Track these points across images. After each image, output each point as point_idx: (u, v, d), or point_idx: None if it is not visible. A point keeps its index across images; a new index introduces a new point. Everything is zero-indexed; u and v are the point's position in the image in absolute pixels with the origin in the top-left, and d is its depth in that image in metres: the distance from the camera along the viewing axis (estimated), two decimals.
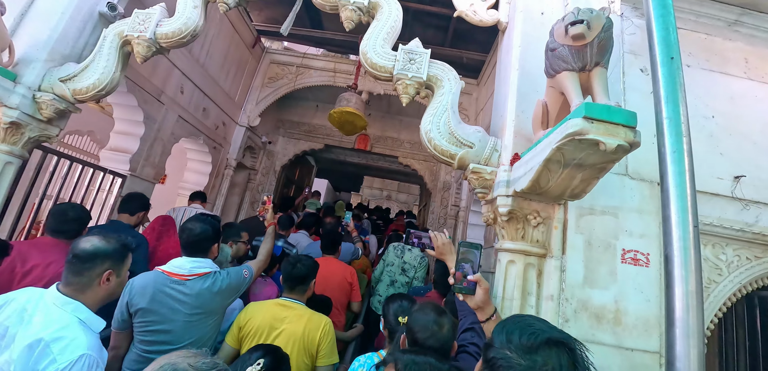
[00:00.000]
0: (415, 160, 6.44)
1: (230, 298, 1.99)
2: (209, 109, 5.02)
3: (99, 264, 1.41)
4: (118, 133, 4.07)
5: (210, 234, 1.96)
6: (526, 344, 0.78)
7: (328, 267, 3.03)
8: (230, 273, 1.98)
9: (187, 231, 1.93)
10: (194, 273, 1.86)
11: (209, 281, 1.88)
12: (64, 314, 1.31)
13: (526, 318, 0.87)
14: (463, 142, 2.02)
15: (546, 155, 1.51)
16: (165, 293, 1.79)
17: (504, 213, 1.92)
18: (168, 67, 4.19)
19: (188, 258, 1.91)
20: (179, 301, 1.80)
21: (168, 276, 1.84)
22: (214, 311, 1.91)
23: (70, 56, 2.66)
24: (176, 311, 1.79)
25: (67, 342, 1.24)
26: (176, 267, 1.87)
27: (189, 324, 1.81)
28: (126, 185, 3.93)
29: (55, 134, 2.69)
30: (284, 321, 1.97)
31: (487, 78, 5.10)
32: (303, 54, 5.88)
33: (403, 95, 2.17)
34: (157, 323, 1.77)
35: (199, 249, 1.93)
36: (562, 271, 1.92)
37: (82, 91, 2.50)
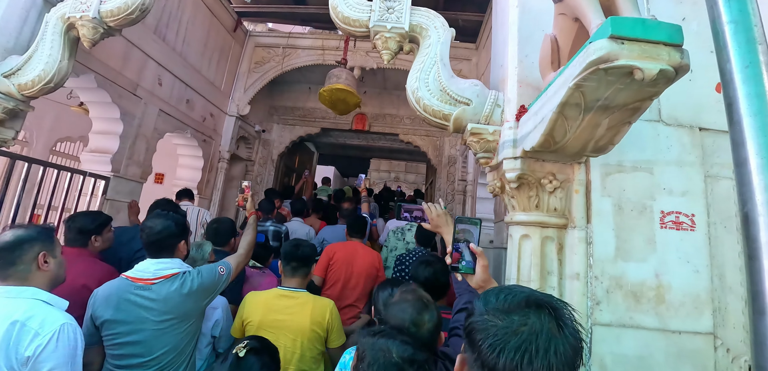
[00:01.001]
0: (417, 135, 6.08)
1: (205, 299, 1.81)
2: (193, 100, 4.73)
3: (28, 249, 1.38)
4: (96, 133, 3.82)
5: (173, 230, 1.77)
6: (504, 306, 0.71)
7: (356, 252, 2.94)
8: (202, 272, 1.80)
9: (147, 230, 1.74)
10: (159, 275, 1.69)
11: (177, 282, 1.70)
12: (24, 300, 1.31)
13: (509, 285, 0.80)
14: (457, 99, 1.67)
15: (561, 98, 1.16)
16: (130, 301, 1.63)
17: (512, 179, 1.59)
18: (141, 58, 3.90)
19: (153, 260, 1.73)
20: (146, 308, 1.64)
21: (132, 281, 1.67)
22: (188, 315, 1.74)
23: (15, 49, 2.38)
24: (144, 319, 1.64)
25: (43, 317, 1.28)
26: (140, 271, 1.70)
27: (160, 331, 1.65)
28: (110, 187, 3.69)
29: (12, 137, 2.43)
30: (288, 312, 1.90)
31: (486, 40, 4.67)
32: (288, 34, 5.52)
33: (383, 51, 1.83)
34: (125, 334, 1.62)
35: (163, 249, 1.75)
36: (589, 244, 1.58)
37: (28, 86, 2.22)
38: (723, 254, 1.59)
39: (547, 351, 0.64)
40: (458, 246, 1.22)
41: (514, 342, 0.65)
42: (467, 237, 1.21)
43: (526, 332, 0.66)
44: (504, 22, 1.84)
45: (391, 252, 3.84)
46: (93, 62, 3.35)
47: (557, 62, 1.41)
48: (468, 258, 1.22)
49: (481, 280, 1.22)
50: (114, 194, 3.67)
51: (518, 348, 0.64)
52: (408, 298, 1.35)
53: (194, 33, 4.60)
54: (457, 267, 1.22)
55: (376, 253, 3.20)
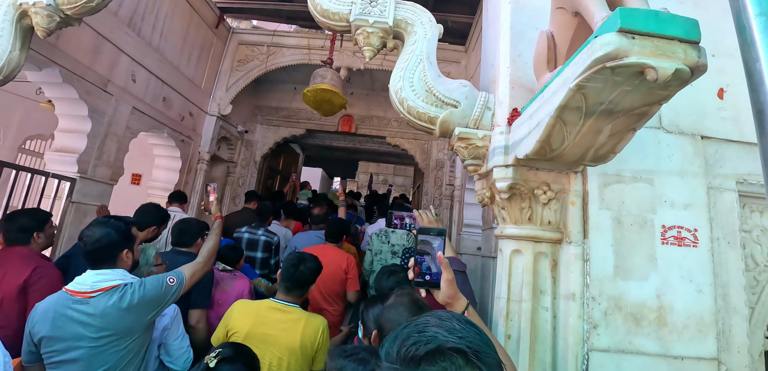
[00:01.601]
0: (404, 138, 5.94)
1: (150, 313, 1.65)
2: (171, 98, 4.50)
3: None
4: (62, 132, 3.56)
5: (114, 238, 1.63)
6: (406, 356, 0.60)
7: (324, 256, 2.76)
8: (145, 284, 1.64)
9: (85, 238, 1.60)
10: (98, 288, 1.55)
11: (116, 296, 1.56)
12: None
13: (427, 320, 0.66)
14: (444, 101, 1.53)
15: (560, 100, 1.02)
16: (66, 316, 1.51)
17: (503, 189, 1.45)
18: (113, 52, 3.66)
19: (92, 271, 1.59)
20: (83, 324, 1.51)
21: (70, 295, 1.54)
22: (129, 331, 1.59)
23: None
24: (80, 336, 1.50)
25: None
26: (79, 284, 1.56)
27: (97, 349, 1.52)
28: (76, 188, 3.45)
29: None
30: (279, 327, 1.80)
31: (475, 42, 4.57)
32: (273, 32, 5.33)
33: (365, 48, 1.68)
34: (61, 352, 1.50)
35: (103, 259, 1.61)
36: (586, 261, 1.45)
37: None
38: (727, 272, 1.48)
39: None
40: (421, 260, 1.11)
41: None
42: (428, 249, 1.11)
43: None
44: (495, 18, 1.70)
45: (376, 255, 3.68)
46: (58, 55, 3.11)
47: (554, 61, 1.28)
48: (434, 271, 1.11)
49: (448, 296, 1.11)
50: (80, 196, 3.43)
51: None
52: (403, 301, 1.29)
53: (173, 28, 4.38)
54: (420, 283, 1.11)
55: (346, 255, 3.09)
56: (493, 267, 3.46)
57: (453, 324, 0.65)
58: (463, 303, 1.12)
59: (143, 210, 2.73)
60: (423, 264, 1.11)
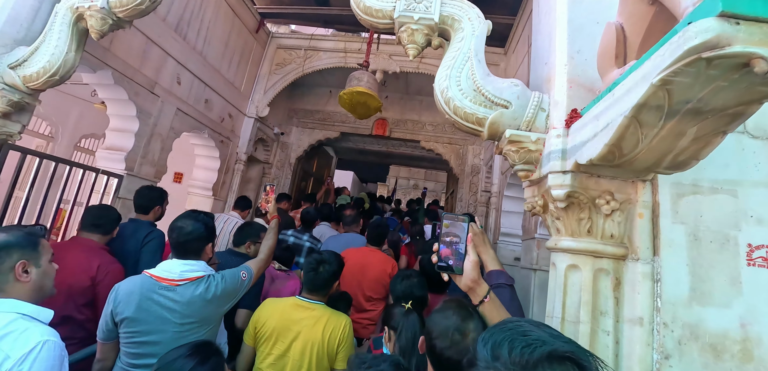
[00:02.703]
0: (439, 142, 5.80)
1: (226, 305, 1.78)
2: (212, 100, 4.64)
3: (6, 258, 1.25)
4: (112, 131, 3.76)
5: (202, 233, 1.74)
6: (519, 360, 0.57)
7: (369, 259, 2.97)
8: (225, 277, 1.76)
9: (176, 230, 1.71)
10: (185, 277, 1.65)
11: (202, 286, 1.66)
12: (2, 314, 1.18)
13: (521, 324, 0.65)
14: (494, 101, 1.42)
15: (638, 98, 0.89)
16: (153, 300, 1.59)
17: (560, 198, 1.31)
18: (160, 55, 3.82)
19: (179, 261, 1.69)
20: (169, 309, 1.60)
21: (156, 281, 1.62)
22: (208, 320, 1.70)
23: (25, 40, 2.29)
24: (166, 321, 1.59)
25: (17, 336, 1.15)
26: (166, 270, 1.65)
27: (180, 335, 1.60)
28: (123, 185, 3.61)
29: (17, 131, 2.34)
30: (301, 324, 1.84)
31: (516, 45, 4.38)
32: (310, 36, 5.39)
33: (409, 46, 1.60)
34: (144, 333, 1.58)
35: (191, 251, 1.71)
36: (656, 281, 1.29)
37: (33, 77, 2.12)
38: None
39: None
40: (453, 246, 1.13)
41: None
42: (456, 231, 1.13)
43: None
44: (549, 11, 1.57)
45: None
46: (111, 58, 3.28)
47: (623, 57, 1.14)
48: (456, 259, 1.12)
49: (470, 280, 1.10)
50: (127, 193, 3.58)
51: None
52: (451, 306, 1.25)
53: (215, 32, 4.52)
54: (442, 267, 1.13)
55: (390, 259, 3.12)
56: (535, 279, 3.26)
57: (551, 330, 0.64)
58: (485, 288, 1.12)
59: (141, 194, 2.72)
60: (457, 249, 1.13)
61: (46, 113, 5.84)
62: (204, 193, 4.97)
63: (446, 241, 1.15)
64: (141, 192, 2.70)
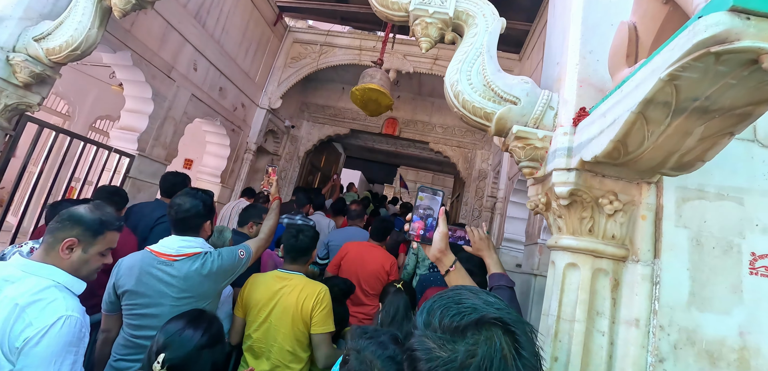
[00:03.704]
0: (448, 146, 5.82)
1: (224, 281, 1.82)
2: (226, 88, 4.72)
3: (67, 228, 1.28)
4: (127, 111, 3.85)
5: (201, 210, 1.78)
6: (449, 325, 0.60)
7: (369, 253, 3.07)
8: (223, 254, 1.80)
9: (175, 207, 1.76)
10: (182, 253, 1.70)
11: (198, 262, 1.71)
12: (39, 279, 1.22)
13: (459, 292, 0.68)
14: (503, 97, 1.43)
15: (645, 93, 0.91)
16: (151, 274, 1.65)
17: (563, 195, 1.32)
18: (179, 41, 3.91)
19: (177, 237, 1.75)
20: (166, 284, 1.66)
21: (155, 256, 1.69)
22: (205, 295, 1.74)
23: (49, 15, 2.36)
24: (163, 294, 1.65)
25: (43, 306, 1.18)
26: (164, 246, 1.72)
27: (177, 308, 1.63)
28: (134, 165, 3.69)
29: (36, 102, 2.42)
30: (280, 293, 1.93)
31: (531, 51, 4.38)
32: (327, 32, 5.45)
33: (422, 39, 1.62)
34: (144, 306, 1.65)
35: (189, 227, 1.76)
36: (655, 284, 1.29)
37: (55, 51, 2.19)
38: None
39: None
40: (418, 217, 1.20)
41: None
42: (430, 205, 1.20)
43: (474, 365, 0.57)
44: (564, 11, 1.58)
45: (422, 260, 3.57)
46: (131, 40, 3.37)
47: (634, 56, 1.15)
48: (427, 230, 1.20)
49: (437, 250, 1.18)
50: (137, 173, 3.66)
51: None
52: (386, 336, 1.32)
53: (234, 22, 4.60)
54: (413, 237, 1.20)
55: (390, 256, 3.19)
56: (535, 285, 3.25)
57: (487, 297, 0.66)
58: (451, 258, 1.22)
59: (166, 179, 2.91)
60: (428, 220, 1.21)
61: (65, 92, 5.99)
62: (212, 180, 5.05)
63: (420, 213, 1.21)
64: (166, 178, 2.91)
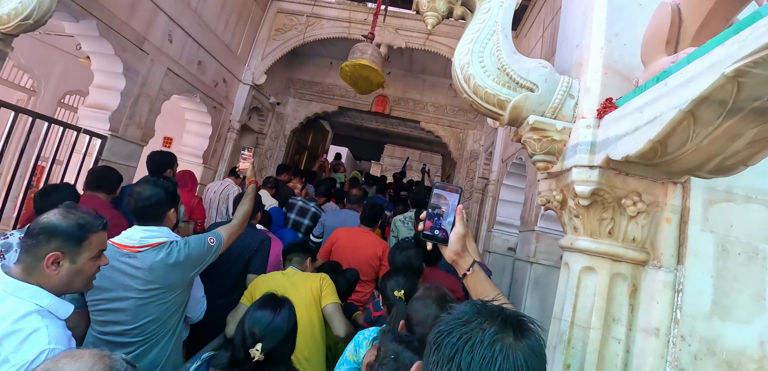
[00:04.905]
0: (440, 125, 5.67)
1: (193, 270, 1.76)
2: (206, 62, 4.41)
3: (43, 243, 1.13)
4: (96, 88, 3.55)
5: (162, 197, 1.70)
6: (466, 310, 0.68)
7: (361, 239, 3.04)
8: (190, 242, 1.73)
9: (135, 195, 1.68)
10: (145, 243, 1.63)
11: (163, 252, 1.64)
12: (19, 302, 1.08)
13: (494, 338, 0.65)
14: (519, 82, 1.28)
15: (701, 90, 0.77)
16: (114, 268, 1.56)
17: (584, 194, 1.21)
18: (151, 9, 3.57)
19: (139, 227, 1.68)
20: (130, 276, 1.59)
21: (118, 248, 1.60)
22: (173, 286, 1.69)
23: None
24: (128, 287, 1.59)
25: (23, 337, 1.04)
26: (126, 238, 1.65)
27: (143, 301, 1.61)
28: (107, 147, 3.42)
29: None
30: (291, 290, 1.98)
31: (529, 28, 4.21)
32: (314, 2, 5.13)
33: (428, 13, 1.44)
34: (108, 301, 1.58)
35: (151, 216, 1.69)
36: (677, 292, 1.20)
37: (4, 20, 1.92)
38: None
39: (493, 345, 0.61)
40: (432, 214, 1.13)
41: (459, 331, 0.64)
42: (445, 203, 1.13)
43: (475, 324, 0.64)
44: None
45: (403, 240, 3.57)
46: (96, 7, 3.04)
47: (675, 43, 1.01)
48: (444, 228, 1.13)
49: (454, 252, 1.12)
50: (110, 155, 3.40)
51: (461, 335, 0.64)
52: (431, 295, 1.37)
53: None
54: (428, 236, 1.13)
55: (382, 242, 3.14)
56: (530, 273, 3.21)
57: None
58: (469, 261, 1.15)
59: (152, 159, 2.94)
60: (437, 220, 1.14)
61: (28, 64, 5.52)
62: (194, 161, 4.79)
63: (436, 212, 1.14)
64: (152, 157, 2.93)
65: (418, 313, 1.32)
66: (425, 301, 1.35)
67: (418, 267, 2.15)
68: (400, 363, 1.05)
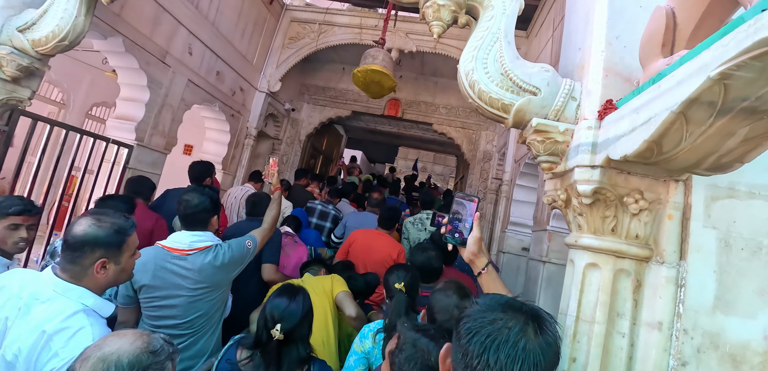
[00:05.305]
0: (452, 127, 5.70)
1: (234, 271, 1.94)
2: (224, 72, 4.58)
3: (89, 253, 1.24)
4: (123, 100, 3.74)
5: (208, 205, 1.88)
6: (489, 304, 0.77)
7: (377, 241, 3.11)
8: (232, 246, 1.91)
9: (183, 203, 1.84)
10: (194, 247, 1.79)
11: (210, 255, 1.81)
12: (68, 302, 1.19)
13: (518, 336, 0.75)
14: (522, 87, 1.34)
15: (690, 92, 0.82)
16: (166, 269, 1.75)
17: (586, 193, 1.25)
18: (172, 24, 3.75)
19: (187, 232, 1.83)
20: (182, 276, 1.75)
21: (168, 251, 1.77)
22: (218, 285, 1.87)
23: (33, 3, 2.23)
24: (180, 287, 1.75)
25: (70, 334, 1.14)
26: (176, 242, 1.80)
27: (194, 299, 1.77)
28: (133, 155, 3.61)
29: (27, 96, 2.32)
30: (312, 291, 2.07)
31: (539, 28, 4.21)
32: (325, 10, 5.25)
33: (434, 23, 1.51)
34: (162, 299, 1.75)
35: (197, 222, 1.85)
36: (680, 286, 1.23)
37: (42, 42, 2.07)
38: None
39: (516, 344, 0.69)
40: (453, 219, 1.28)
41: (487, 329, 0.72)
42: (465, 209, 1.27)
43: (501, 324, 0.72)
44: None
45: (414, 244, 3.64)
46: (121, 25, 3.22)
47: (671, 45, 1.05)
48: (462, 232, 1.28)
49: (471, 253, 1.27)
50: (136, 163, 3.58)
51: (489, 334, 0.71)
52: (452, 287, 1.47)
53: (229, 1, 4.42)
54: (450, 239, 1.29)
55: (398, 245, 3.17)
56: (543, 271, 3.22)
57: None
58: (484, 261, 1.28)
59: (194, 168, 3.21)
60: (456, 224, 1.28)
61: (58, 79, 5.84)
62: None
63: (456, 217, 1.29)
64: (194, 167, 3.23)
65: (440, 303, 1.43)
66: (446, 292, 1.45)
67: (438, 267, 2.23)
68: (418, 348, 1.13)
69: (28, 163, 3.19)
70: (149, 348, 0.92)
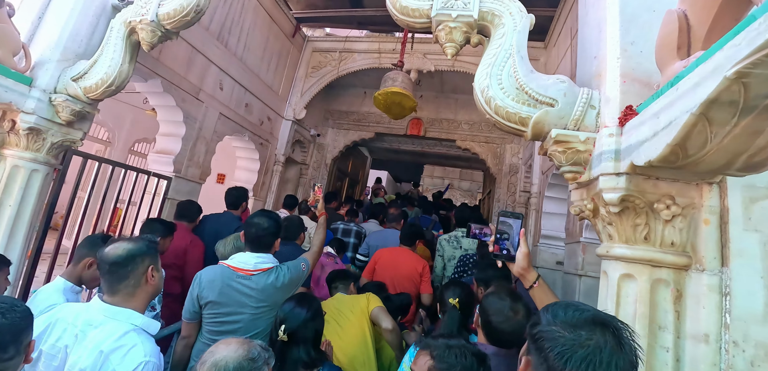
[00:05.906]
0: (476, 142, 5.66)
1: (291, 291, 1.99)
2: (252, 104, 4.81)
3: (141, 264, 1.39)
4: (162, 135, 4.00)
5: (275, 230, 1.99)
6: (571, 320, 0.78)
7: (400, 258, 3.18)
8: (290, 268, 2.01)
9: (255, 226, 1.94)
10: (259, 268, 1.90)
11: (272, 276, 1.91)
12: (118, 324, 1.30)
13: (573, 302, 0.85)
14: (538, 99, 1.34)
15: (708, 93, 0.80)
16: (232, 287, 1.84)
17: (613, 202, 1.22)
18: (204, 63, 4.01)
19: (252, 254, 1.93)
20: (246, 295, 1.85)
21: (234, 271, 1.87)
22: (277, 303, 1.90)
23: (85, 54, 2.47)
24: (244, 305, 1.85)
25: (125, 352, 1.24)
26: (241, 262, 1.90)
27: (256, 316, 1.87)
28: (172, 186, 3.83)
29: (79, 138, 2.54)
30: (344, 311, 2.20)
31: (557, 39, 4.17)
32: (345, 38, 5.44)
33: (447, 45, 1.55)
34: (226, 314, 1.83)
35: (263, 245, 1.95)
36: (725, 295, 1.16)
37: (92, 88, 2.28)
38: None
39: (610, 364, 0.70)
40: (500, 238, 1.35)
41: (580, 353, 0.72)
42: (510, 227, 1.34)
43: (592, 346, 0.72)
44: (597, 0, 1.46)
45: (449, 261, 3.65)
46: (160, 67, 3.49)
47: (686, 47, 1.03)
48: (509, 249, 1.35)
49: (521, 268, 1.33)
50: (174, 193, 3.79)
51: (584, 359, 0.71)
52: (503, 292, 1.52)
53: (254, 38, 4.68)
54: (498, 255, 1.37)
55: (422, 259, 3.22)
56: (580, 285, 3.09)
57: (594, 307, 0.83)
58: (534, 275, 1.34)
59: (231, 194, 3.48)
60: (502, 243, 1.36)
61: (104, 120, 6.33)
62: None
63: (504, 236, 1.36)
64: (230, 193, 3.48)
65: (494, 305, 1.48)
66: (499, 295, 1.51)
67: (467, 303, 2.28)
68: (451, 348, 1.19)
69: (79, 198, 3.46)
70: (249, 355, 1.08)
